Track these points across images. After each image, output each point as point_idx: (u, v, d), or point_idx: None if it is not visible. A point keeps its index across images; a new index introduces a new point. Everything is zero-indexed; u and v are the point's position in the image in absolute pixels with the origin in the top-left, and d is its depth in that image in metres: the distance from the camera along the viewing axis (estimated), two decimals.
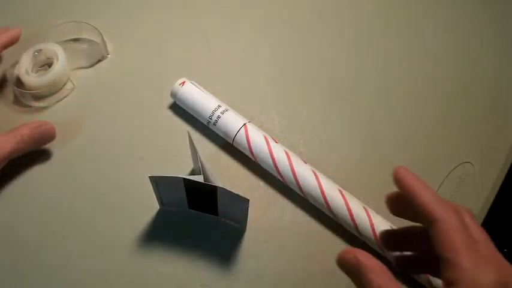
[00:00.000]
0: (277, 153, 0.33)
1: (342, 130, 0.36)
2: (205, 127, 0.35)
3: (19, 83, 0.36)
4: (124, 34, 0.40)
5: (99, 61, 0.38)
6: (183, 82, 0.35)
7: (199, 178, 0.28)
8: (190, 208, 0.32)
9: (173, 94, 0.35)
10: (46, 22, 0.39)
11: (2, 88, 0.37)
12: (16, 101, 0.36)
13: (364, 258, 0.23)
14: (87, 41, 0.39)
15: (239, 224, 0.32)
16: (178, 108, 0.36)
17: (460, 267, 0.20)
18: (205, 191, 0.29)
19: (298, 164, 0.32)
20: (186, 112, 0.36)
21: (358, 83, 0.38)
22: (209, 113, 0.34)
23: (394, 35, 0.41)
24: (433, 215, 0.22)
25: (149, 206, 0.32)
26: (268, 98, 0.37)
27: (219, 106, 0.34)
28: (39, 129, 0.32)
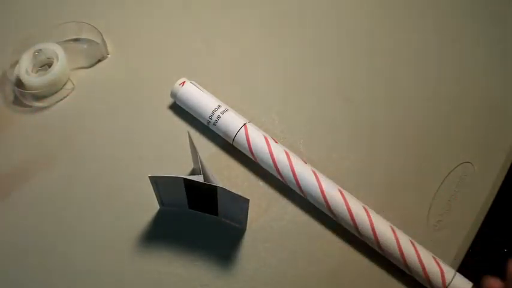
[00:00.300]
0: (277, 153, 0.33)
1: (342, 130, 0.36)
2: (205, 127, 0.35)
3: (19, 83, 0.36)
4: (124, 34, 0.40)
5: (99, 61, 0.38)
6: (183, 82, 0.35)
7: (199, 178, 0.28)
8: (190, 208, 0.32)
9: (173, 94, 0.35)
10: (46, 22, 0.39)
11: (2, 88, 0.37)
12: (16, 101, 0.36)
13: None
14: (87, 41, 0.39)
15: (239, 224, 0.32)
16: (178, 108, 0.36)
17: None
18: (205, 191, 0.29)
19: (298, 164, 0.32)
20: (186, 112, 0.36)
21: (358, 83, 0.38)
22: (209, 113, 0.34)
23: (395, 36, 0.41)
24: None
25: (149, 206, 0.32)
26: (268, 98, 0.37)
27: (219, 106, 0.34)
28: None
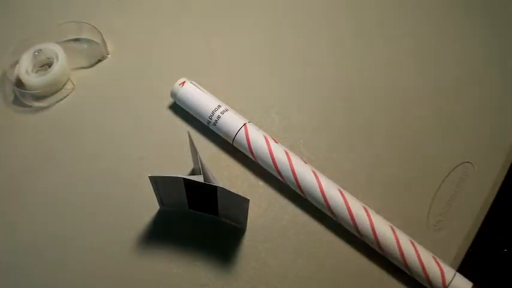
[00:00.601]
0: (277, 153, 0.33)
1: (342, 130, 0.36)
2: (205, 127, 0.35)
3: (19, 83, 0.36)
4: (124, 34, 0.40)
5: (99, 61, 0.38)
6: (183, 82, 0.35)
7: (199, 178, 0.28)
8: (190, 208, 0.32)
9: (173, 94, 0.35)
10: (46, 22, 0.39)
11: (2, 88, 0.37)
12: (16, 101, 0.36)
13: None
14: (87, 41, 0.39)
15: (239, 224, 0.32)
16: (178, 108, 0.36)
17: None
18: (205, 191, 0.29)
19: (298, 164, 0.32)
20: (186, 112, 0.36)
21: (358, 83, 0.38)
22: (209, 113, 0.34)
23: (395, 36, 0.41)
24: None
25: (149, 206, 0.32)
26: (268, 98, 0.37)
27: (219, 106, 0.34)
28: None
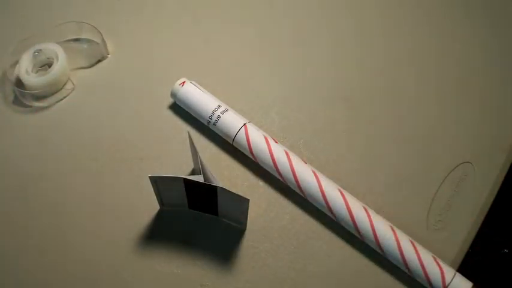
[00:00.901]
0: (277, 153, 0.33)
1: (342, 130, 0.36)
2: (205, 127, 0.35)
3: (19, 83, 0.36)
4: (124, 34, 0.40)
5: (99, 61, 0.38)
6: (183, 82, 0.35)
7: (199, 178, 0.28)
8: (190, 208, 0.32)
9: (173, 94, 0.35)
10: (46, 22, 0.39)
11: (2, 88, 0.37)
12: (16, 101, 0.36)
13: None
14: (87, 41, 0.39)
15: (239, 224, 0.32)
16: (178, 108, 0.36)
17: None
18: (205, 191, 0.29)
19: (298, 164, 0.32)
20: (186, 112, 0.36)
21: (358, 83, 0.38)
22: (209, 113, 0.34)
23: (395, 35, 0.41)
24: None
25: (149, 206, 0.32)
26: (268, 98, 0.37)
27: (219, 106, 0.34)
28: None
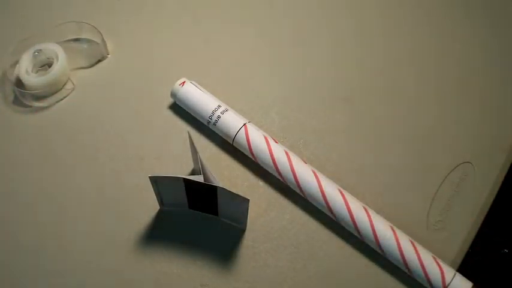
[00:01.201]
0: (277, 153, 0.33)
1: (342, 130, 0.36)
2: (205, 127, 0.35)
3: (19, 83, 0.36)
4: (124, 34, 0.40)
5: (99, 61, 0.38)
6: (183, 82, 0.35)
7: (199, 178, 0.28)
8: (190, 208, 0.32)
9: (173, 94, 0.35)
10: (46, 22, 0.39)
11: (2, 88, 0.37)
12: (16, 101, 0.36)
13: None
14: (87, 41, 0.39)
15: (239, 224, 0.32)
16: (178, 108, 0.36)
17: None
18: (205, 191, 0.29)
19: (298, 164, 0.32)
20: (186, 112, 0.36)
21: (358, 83, 0.38)
22: (209, 113, 0.34)
23: (395, 35, 0.41)
24: None
25: (149, 206, 0.32)
26: (268, 98, 0.37)
27: (219, 106, 0.34)
28: None
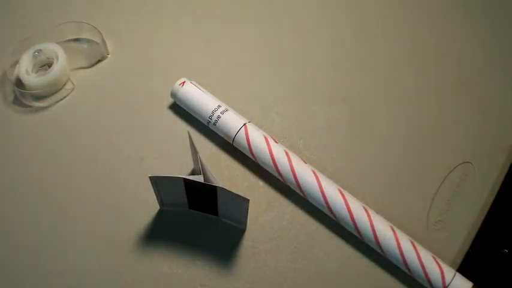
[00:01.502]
0: (277, 153, 0.33)
1: (342, 130, 0.36)
2: (205, 127, 0.35)
3: (19, 83, 0.36)
4: (124, 34, 0.40)
5: (99, 61, 0.38)
6: (183, 82, 0.35)
7: (199, 178, 0.28)
8: (190, 208, 0.32)
9: (173, 94, 0.35)
10: (46, 22, 0.39)
11: (2, 88, 0.37)
12: (16, 101, 0.36)
13: None
14: (87, 41, 0.39)
15: (239, 224, 0.32)
16: (178, 108, 0.36)
17: None
18: (205, 191, 0.29)
19: (298, 164, 0.32)
20: (186, 112, 0.36)
21: (358, 83, 0.38)
22: (209, 113, 0.34)
23: (395, 35, 0.41)
24: None
25: (149, 206, 0.32)
26: (268, 98, 0.37)
27: (219, 106, 0.34)
28: None
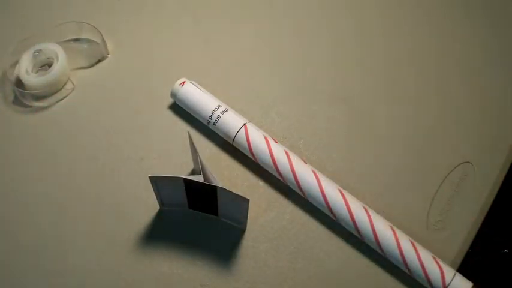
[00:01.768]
0: (277, 153, 0.33)
1: (342, 130, 0.36)
2: (205, 127, 0.35)
3: (19, 83, 0.36)
4: (124, 34, 0.40)
5: (99, 61, 0.38)
6: (183, 82, 0.35)
7: (199, 178, 0.28)
8: (190, 208, 0.32)
9: (173, 94, 0.35)
10: (46, 22, 0.39)
11: (2, 88, 0.37)
12: (16, 101, 0.36)
13: None
14: (87, 41, 0.39)
15: (239, 224, 0.32)
16: (178, 108, 0.36)
17: None
18: (205, 191, 0.29)
19: (298, 164, 0.32)
20: (186, 112, 0.36)
21: (358, 83, 0.38)
22: (209, 113, 0.34)
23: (395, 35, 0.41)
24: None
25: (149, 206, 0.32)
26: (268, 98, 0.37)
27: (219, 106, 0.34)
28: None
